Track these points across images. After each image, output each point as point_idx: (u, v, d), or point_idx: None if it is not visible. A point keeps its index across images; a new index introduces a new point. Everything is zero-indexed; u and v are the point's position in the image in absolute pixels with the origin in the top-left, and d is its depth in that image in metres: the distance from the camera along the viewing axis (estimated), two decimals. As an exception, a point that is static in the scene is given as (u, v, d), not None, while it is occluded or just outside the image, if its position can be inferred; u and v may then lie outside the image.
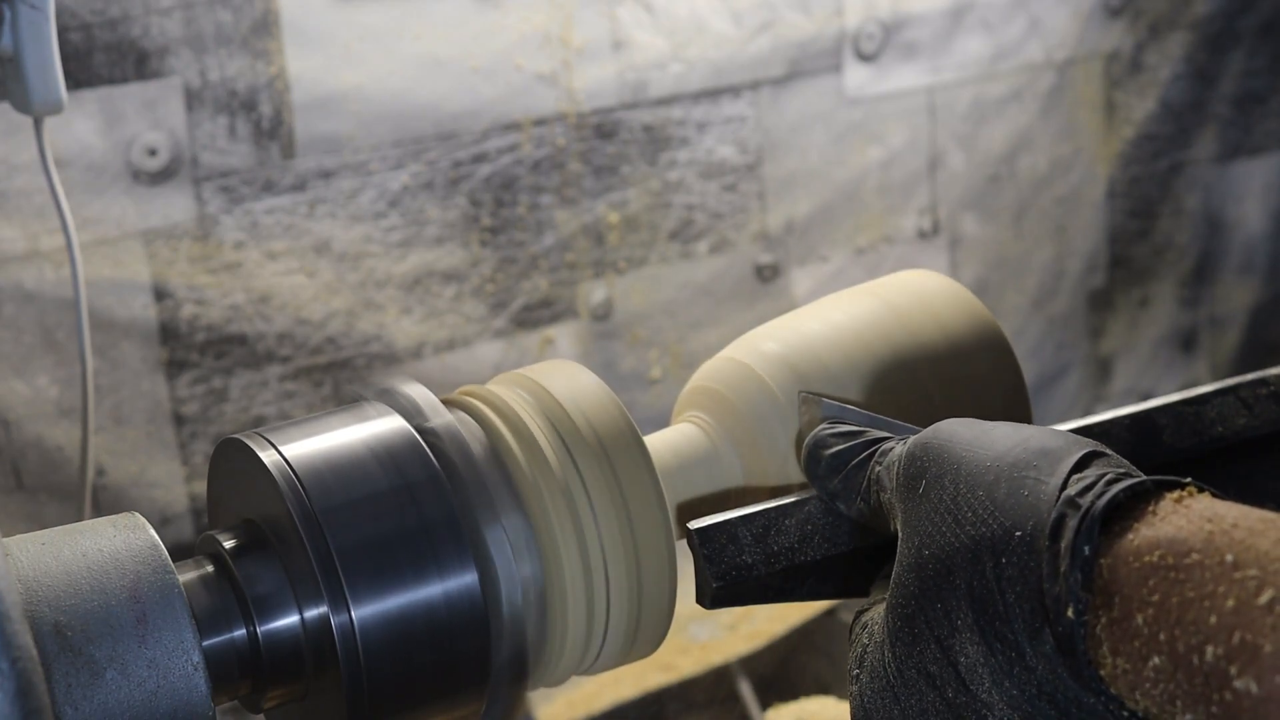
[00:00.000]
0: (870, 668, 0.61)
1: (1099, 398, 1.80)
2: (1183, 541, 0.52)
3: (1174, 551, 0.52)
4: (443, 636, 0.68)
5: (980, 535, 0.57)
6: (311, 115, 1.26)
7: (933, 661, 0.58)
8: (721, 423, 0.79)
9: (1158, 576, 0.52)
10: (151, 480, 1.26)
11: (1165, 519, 0.53)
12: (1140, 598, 0.52)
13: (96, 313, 1.20)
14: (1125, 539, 0.53)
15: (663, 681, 1.41)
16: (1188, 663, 0.50)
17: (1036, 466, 0.57)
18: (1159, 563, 0.52)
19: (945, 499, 0.59)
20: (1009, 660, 0.55)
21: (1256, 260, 1.85)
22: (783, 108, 1.49)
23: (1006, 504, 0.57)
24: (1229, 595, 0.49)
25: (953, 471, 0.60)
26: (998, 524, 0.56)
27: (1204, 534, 0.52)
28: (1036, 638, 0.54)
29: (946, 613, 0.57)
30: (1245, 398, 0.75)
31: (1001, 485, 0.57)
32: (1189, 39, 1.72)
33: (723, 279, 1.51)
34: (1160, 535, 0.53)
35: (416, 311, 1.35)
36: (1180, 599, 0.51)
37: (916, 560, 0.59)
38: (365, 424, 0.71)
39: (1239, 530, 0.51)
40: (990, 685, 0.56)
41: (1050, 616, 0.54)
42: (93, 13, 1.16)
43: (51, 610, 0.61)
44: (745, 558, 0.67)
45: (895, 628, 0.60)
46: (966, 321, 0.80)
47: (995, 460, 0.59)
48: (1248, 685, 0.48)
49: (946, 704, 0.58)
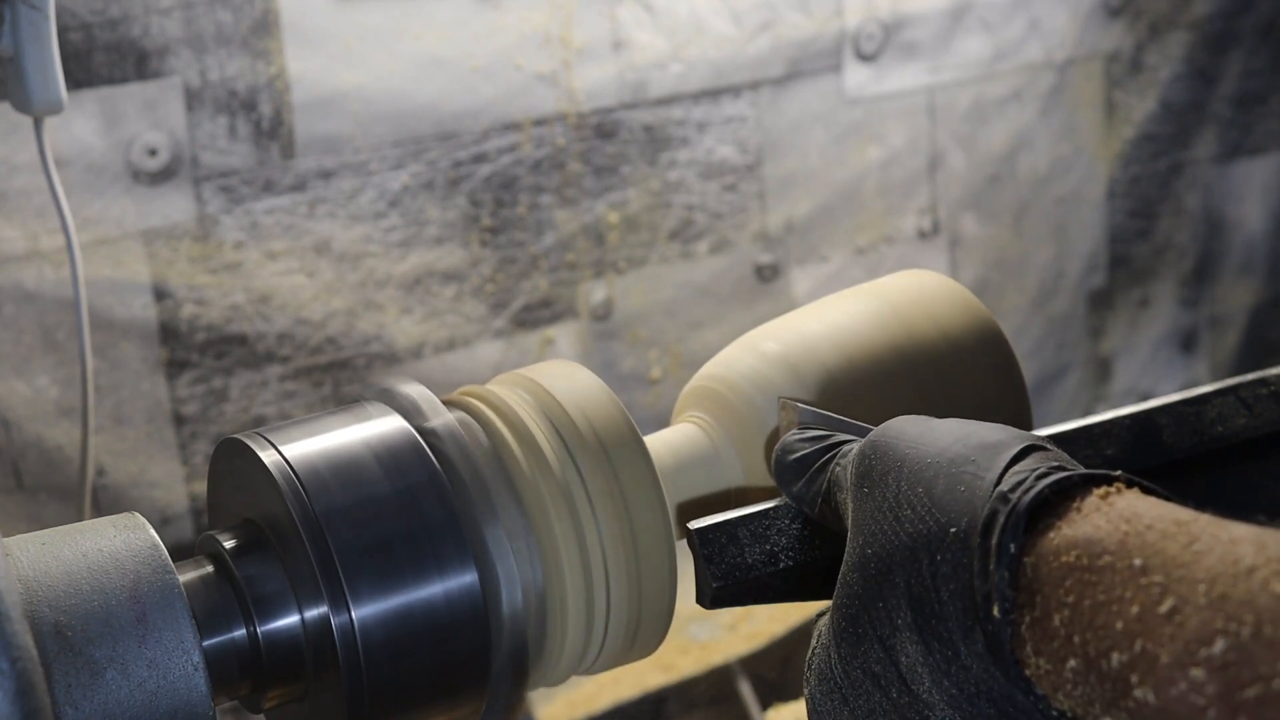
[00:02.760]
0: (818, 670, 0.61)
1: (1099, 398, 1.80)
2: (1098, 542, 0.51)
3: (1089, 552, 0.51)
4: (443, 637, 0.68)
5: (918, 532, 0.56)
6: (311, 115, 1.26)
7: (876, 661, 0.57)
8: (721, 423, 0.79)
9: (1073, 577, 0.51)
10: (151, 480, 1.26)
11: (1087, 517, 0.52)
12: (1058, 598, 0.51)
13: (96, 313, 1.20)
14: (1047, 537, 0.52)
15: (663, 681, 1.41)
16: (1098, 668, 0.49)
17: (975, 461, 0.56)
18: (1075, 563, 0.51)
19: (888, 496, 0.58)
20: (946, 659, 0.54)
21: (1256, 260, 1.85)
22: (783, 108, 1.49)
23: (944, 500, 0.56)
24: (1134, 601, 0.48)
25: (895, 469, 0.59)
26: (934, 520, 0.55)
27: (1118, 535, 0.50)
28: (969, 636, 0.53)
29: (888, 612, 0.56)
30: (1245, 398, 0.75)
31: (940, 481, 0.56)
32: (1189, 39, 1.72)
33: (723, 279, 1.51)
34: (1079, 534, 0.51)
35: (416, 311, 1.35)
36: (1092, 602, 0.50)
37: (860, 559, 0.58)
38: (365, 424, 0.71)
39: (1152, 533, 0.50)
40: (930, 685, 0.55)
41: (980, 615, 0.53)
42: (93, 13, 1.16)
43: (51, 610, 0.61)
44: (745, 558, 0.67)
45: (840, 628, 0.59)
46: (966, 321, 0.80)
47: (936, 456, 0.58)
48: (1146, 695, 0.47)
49: (892, 704, 0.57)
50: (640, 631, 0.74)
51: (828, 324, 0.80)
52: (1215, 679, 0.45)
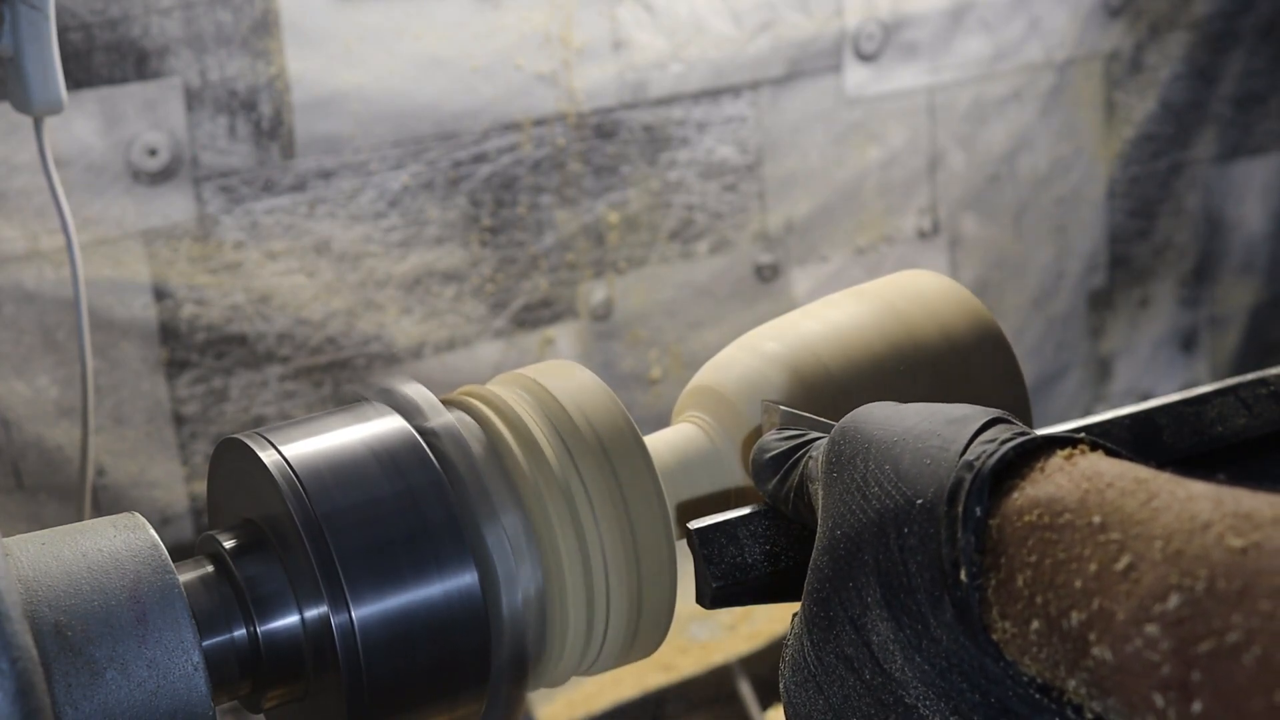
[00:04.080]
0: (791, 660, 0.60)
1: (1099, 398, 1.80)
2: (1059, 501, 0.50)
3: (1050, 511, 0.50)
4: (443, 637, 0.68)
5: (885, 508, 0.55)
6: (311, 115, 1.26)
7: (849, 644, 0.56)
8: (721, 423, 0.79)
9: (1035, 537, 0.50)
10: (151, 480, 1.26)
11: (1049, 477, 0.52)
12: (1021, 558, 0.50)
13: (96, 313, 1.20)
14: (1011, 498, 0.52)
15: (663, 681, 1.41)
16: (1059, 627, 0.48)
17: (941, 435, 0.56)
18: (1036, 522, 0.50)
19: (856, 477, 0.58)
20: (916, 634, 0.54)
21: (1256, 260, 1.85)
22: (783, 108, 1.49)
23: (910, 473, 0.55)
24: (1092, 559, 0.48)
25: (864, 450, 0.58)
26: (901, 495, 0.55)
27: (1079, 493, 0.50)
28: (938, 606, 0.53)
29: (857, 591, 0.56)
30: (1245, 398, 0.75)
31: (906, 456, 0.56)
32: (1189, 39, 1.72)
33: (723, 279, 1.51)
34: (1041, 494, 0.51)
35: (416, 311, 1.35)
36: (1053, 561, 0.49)
37: (830, 541, 0.58)
38: (365, 424, 0.71)
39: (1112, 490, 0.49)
40: (902, 662, 0.54)
41: (948, 583, 0.52)
42: (93, 13, 1.16)
43: (51, 610, 0.61)
44: (745, 558, 0.67)
45: (812, 614, 0.58)
46: (966, 321, 0.80)
47: (902, 434, 0.57)
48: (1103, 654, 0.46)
49: (865, 686, 0.56)
50: (640, 631, 0.74)
51: (828, 324, 0.80)
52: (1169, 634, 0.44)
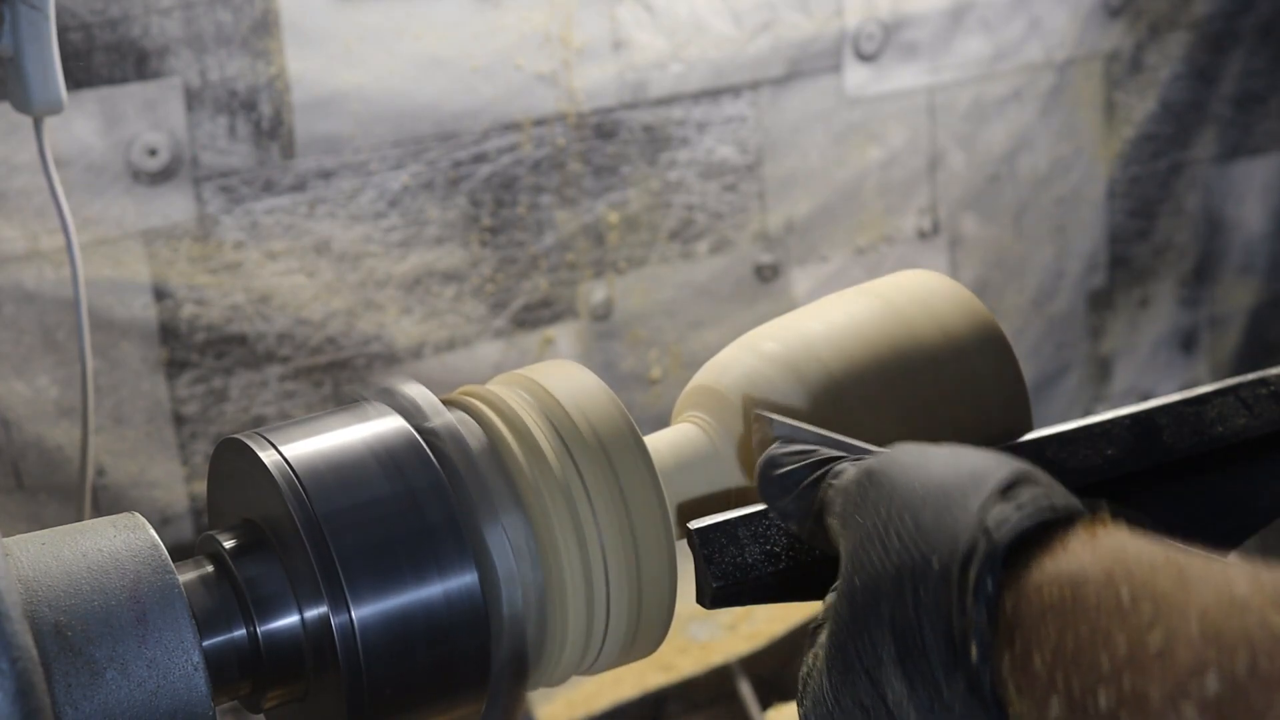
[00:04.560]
0: (812, 694, 0.60)
1: (1099, 398, 1.80)
2: (1083, 577, 0.48)
3: (1072, 587, 0.48)
4: (443, 637, 0.68)
5: (903, 563, 0.54)
6: (311, 115, 1.26)
7: (865, 694, 0.55)
8: (721, 423, 0.79)
9: (1055, 614, 0.48)
10: (151, 480, 1.26)
11: (1072, 552, 0.50)
12: (1039, 637, 0.49)
13: (96, 313, 1.20)
14: (1029, 572, 0.50)
15: (663, 681, 1.41)
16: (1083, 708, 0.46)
17: (963, 491, 0.54)
18: (1058, 599, 0.49)
19: (878, 525, 0.56)
20: (929, 697, 0.52)
21: (1256, 260, 1.85)
22: (783, 108, 1.49)
23: (930, 530, 0.54)
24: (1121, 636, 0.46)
25: (887, 497, 0.57)
26: (919, 551, 0.53)
27: (1104, 570, 0.48)
28: (951, 676, 0.51)
29: (873, 644, 0.55)
30: (1245, 398, 0.75)
31: (928, 509, 0.54)
32: (1189, 39, 1.72)
33: (723, 279, 1.51)
34: (1062, 570, 0.49)
35: (416, 311, 1.35)
36: (1075, 638, 0.47)
37: (849, 588, 0.57)
38: (365, 424, 0.71)
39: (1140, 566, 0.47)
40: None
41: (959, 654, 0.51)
42: (93, 13, 1.16)
43: (51, 610, 0.61)
44: (745, 558, 0.67)
45: (831, 656, 0.57)
46: (966, 321, 0.80)
47: (925, 484, 0.56)
48: None
49: None
50: (640, 631, 0.74)
51: (828, 324, 0.80)
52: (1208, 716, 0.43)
